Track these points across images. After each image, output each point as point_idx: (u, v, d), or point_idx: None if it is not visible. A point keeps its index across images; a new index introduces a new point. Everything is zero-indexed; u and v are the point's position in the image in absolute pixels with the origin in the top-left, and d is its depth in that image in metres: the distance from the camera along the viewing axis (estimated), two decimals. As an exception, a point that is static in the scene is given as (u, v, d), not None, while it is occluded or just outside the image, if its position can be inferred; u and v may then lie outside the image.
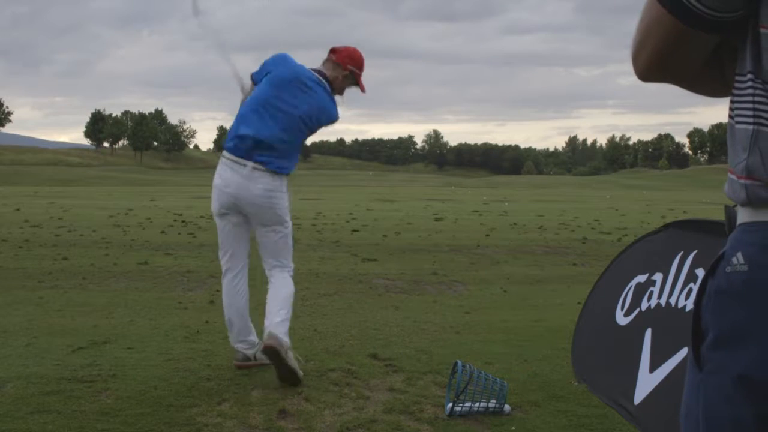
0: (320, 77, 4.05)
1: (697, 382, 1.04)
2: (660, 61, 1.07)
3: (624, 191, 60.10)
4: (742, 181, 1.01)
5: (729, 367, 0.98)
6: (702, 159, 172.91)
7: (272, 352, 3.69)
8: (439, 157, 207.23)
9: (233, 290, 4.13)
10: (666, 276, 3.40)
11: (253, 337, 4.09)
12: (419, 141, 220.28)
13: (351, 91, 4.23)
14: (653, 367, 3.23)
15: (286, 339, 3.80)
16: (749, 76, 1.00)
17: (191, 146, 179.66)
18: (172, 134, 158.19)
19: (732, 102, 1.04)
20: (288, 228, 4.08)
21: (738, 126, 1.02)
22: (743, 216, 1.03)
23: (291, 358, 3.75)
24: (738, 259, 0.99)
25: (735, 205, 1.06)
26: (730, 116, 1.04)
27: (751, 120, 0.99)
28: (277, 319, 3.85)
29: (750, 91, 0.99)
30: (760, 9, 0.96)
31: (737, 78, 1.03)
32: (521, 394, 3.68)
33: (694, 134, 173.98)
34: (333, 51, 4.14)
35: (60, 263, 8.65)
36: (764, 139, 0.97)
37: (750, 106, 0.99)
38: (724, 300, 1.00)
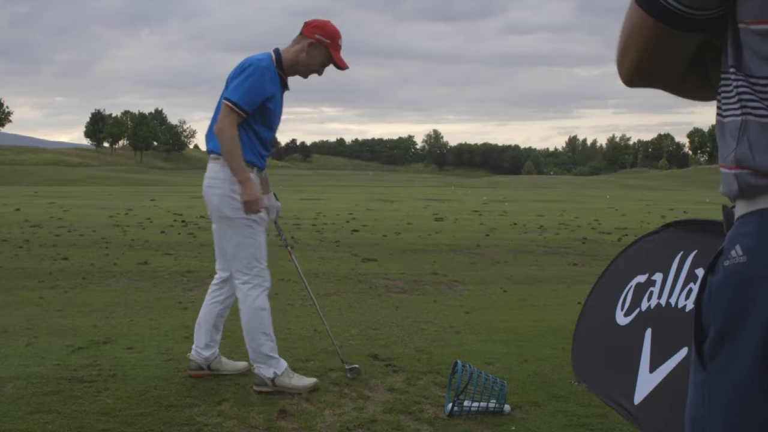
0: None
1: (701, 381, 1.03)
2: (644, 64, 1.09)
3: (624, 191, 60.09)
4: (733, 171, 1.02)
5: (739, 356, 0.96)
6: (702, 159, 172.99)
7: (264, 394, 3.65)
8: (439, 157, 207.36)
9: (207, 295, 4.00)
10: (666, 276, 3.40)
11: (208, 353, 3.91)
12: (419, 141, 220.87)
13: (351, 90, 4.01)
14: (653, 367, 3.23)
15: (263, 374, 3.65)
16: (732, 70, 1.01)
17: (191, 146, 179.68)
18: (172, 134, 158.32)
19: (719, 100, 1.06)
20: (229, 226, 3.64)
21: (726, 120, 1.03)
22: (739, 210, 1.03)
23: (285, 387, 3.64)
24: (737, 251, 0.98)
25: (732, 206, 1.07)
26: (719, 114, 1.06)
27: (738, 112, 1.00)
28: (250, 355, 3.73)
29: (734, 84, 1.01)
30: (738, 5, 0.98)
31: (722, 75, 1.05)
32: (521, 394, 3.68)
33: (694, 134, 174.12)
34: (304, 24, 3.77)
35: (60, 263, 8.65)
36: (752, 128, 0.98)
37: (736, 99, 1.01)
38: (724, 293, 0.99)
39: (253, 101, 3.56)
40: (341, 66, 3.75)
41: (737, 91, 1.00)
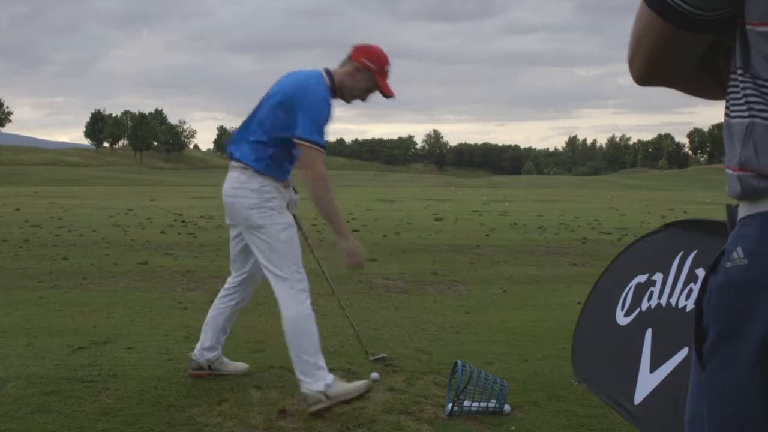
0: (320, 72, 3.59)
1: (700, 381, 1.04)
2: (654, 64, 1.09)
3: (624, 191, 60.09)
4: (737, 173, 1.02)
5: (738, 358, 0.97)
6: (702, 159, 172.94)
7: (314, 415, 3.35)
8: (439, 157, 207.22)
9: (218, 298, 3.96)
10: (666, 276, 3.40)
11: (211, 354, 3.86)
12: (419, 141, 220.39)
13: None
14: (653, 367, 3.23)
15: (313, 390, 3.32)
16: (739, 71, 1.02)
17: (191, 146, 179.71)
18: (172, 134, 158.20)
19: (727, 100, 1.06)
20: (263, 234, 3.48)
21: (734, 121, 1.03)
22: (742, 211, 1.04)
23: (340, 395, 3.34)
24: (738, 253, 0.99)
25: (737, 205, 1.07)
26: (726, 114, 1.06)
27: (745, 114, 1.00)
28: (296, 369, 3.41)
29: (741, 85, 1.01)
30: (746, 6, 0.98)
31: (731, 76, 1.05)
32: (521, 394, 3.68)
33: (694, 134, 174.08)
34: (352, 47, 3.66)
35: (60, 263, 8.65)
36: (758, 130, 0.99)
37: (743, 100, 1.01)
38: (725, 295, 1.00)
39: (324, 133, 3.46)
40: (387, 94, 3.61)
41: (744, 92, 1.00)
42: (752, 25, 0.98)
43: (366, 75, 3.56)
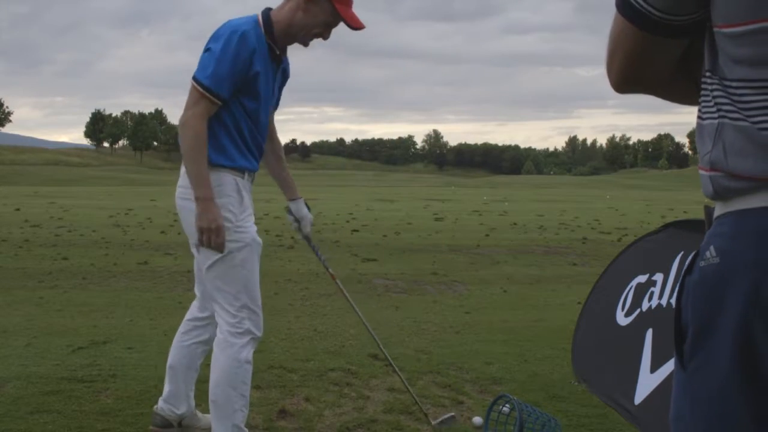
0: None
1: (682, 382, 1.05)
2: (631, 70, 1.12)
3: (624, 191, 60.09)
4: (708, 173, 1.04)
5: (716, 357, 0.98)
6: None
7: None
8: (439, 157, 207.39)
9: (184, 333, 3.18)
10: (666, 276, 3.40)
11: (183, 409, 3.09)
12: (419, 141, 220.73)
13: (352, 90, 3.40)
14: (654, 368, 3.23)
15: None
16: (708, 74, 1.04)
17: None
18: (172, 134, 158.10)
19: (699, 102, 1.08)
20: (212, 251, 2.65)
21: (705, 122, 1.05)
22: (716, 211, 1.05)
23: None
24: (711, 252, 1.00)
25: (714, 206, 1.09)
26: (699, 116, 1.08)
27: (715, 115, 1.02)
28: (213, 423, 2.81)
29: (710, 87, 1.03)
30: (712, 10, 1.00)
31: (702, 78, 1.07)
32: (521, 394, 3.67)
33: (694, 134, 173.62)
34: None
35: (60, 263, 8.65)
36: (727, 130, 1.00)
37: (712, 102, 1.03)
38: (699, 293, 1.01)
39: (231, 82, 2.61)
40: (353, 25, 2.71)
41: (713, 94, 1.02)
42: (718, 27, 1.00)
43: (323, 5, 2.69)
